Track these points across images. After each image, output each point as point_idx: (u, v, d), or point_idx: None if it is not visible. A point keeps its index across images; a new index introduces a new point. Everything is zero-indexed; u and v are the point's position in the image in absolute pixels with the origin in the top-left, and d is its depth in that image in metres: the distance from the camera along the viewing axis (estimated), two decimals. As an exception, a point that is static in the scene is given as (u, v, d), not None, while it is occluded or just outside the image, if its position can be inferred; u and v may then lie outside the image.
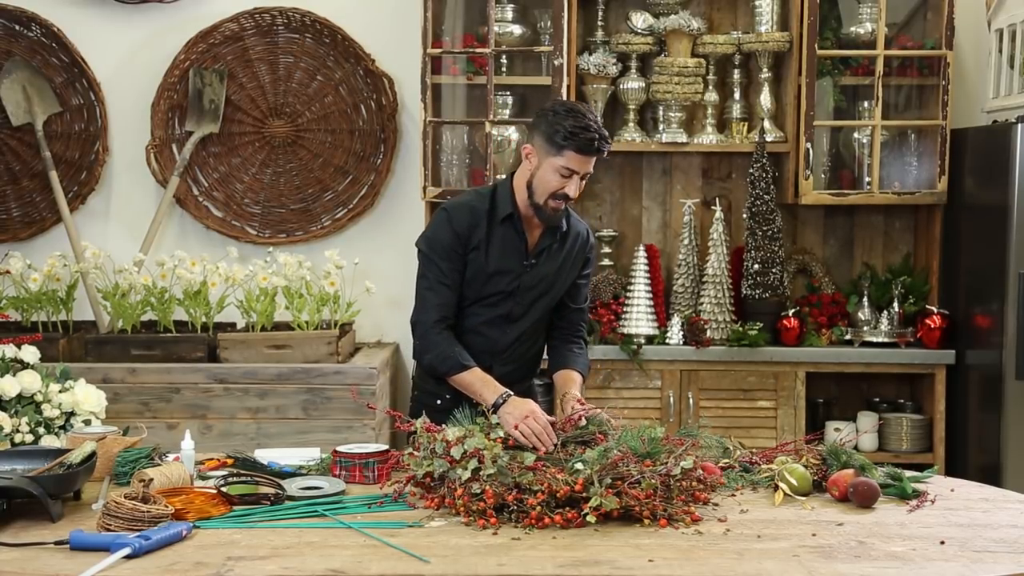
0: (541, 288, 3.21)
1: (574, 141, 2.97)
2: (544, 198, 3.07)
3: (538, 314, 3.25)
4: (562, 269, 3.24)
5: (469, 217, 3.14)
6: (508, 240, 3.16)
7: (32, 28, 5.04)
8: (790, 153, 4.88)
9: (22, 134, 5.06)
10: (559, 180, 3.03)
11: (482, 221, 3.14)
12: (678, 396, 4.74)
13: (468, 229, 3.13)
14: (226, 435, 4.38)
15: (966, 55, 5.02)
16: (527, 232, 3.17)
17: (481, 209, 3.15)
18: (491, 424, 2.77)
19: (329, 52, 5.08)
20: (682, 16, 4.87)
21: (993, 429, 4.45)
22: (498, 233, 3.15)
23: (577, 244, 3.26)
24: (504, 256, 3.16)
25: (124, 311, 4.61)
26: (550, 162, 3.02)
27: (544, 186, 3.06)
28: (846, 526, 2.51)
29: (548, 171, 3.03)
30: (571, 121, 2.98)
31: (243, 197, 5.14)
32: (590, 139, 2.97)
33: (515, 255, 3.17)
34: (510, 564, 2.24)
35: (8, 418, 3.05)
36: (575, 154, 2.99)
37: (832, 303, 4.97)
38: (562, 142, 2.98)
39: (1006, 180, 4.35)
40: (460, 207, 3.17)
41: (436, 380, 3.18)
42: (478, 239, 3.14)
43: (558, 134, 2.98)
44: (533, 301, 3.22)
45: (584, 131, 2.97)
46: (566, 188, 3.04)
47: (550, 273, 3.22)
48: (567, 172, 3.01)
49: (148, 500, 2.43)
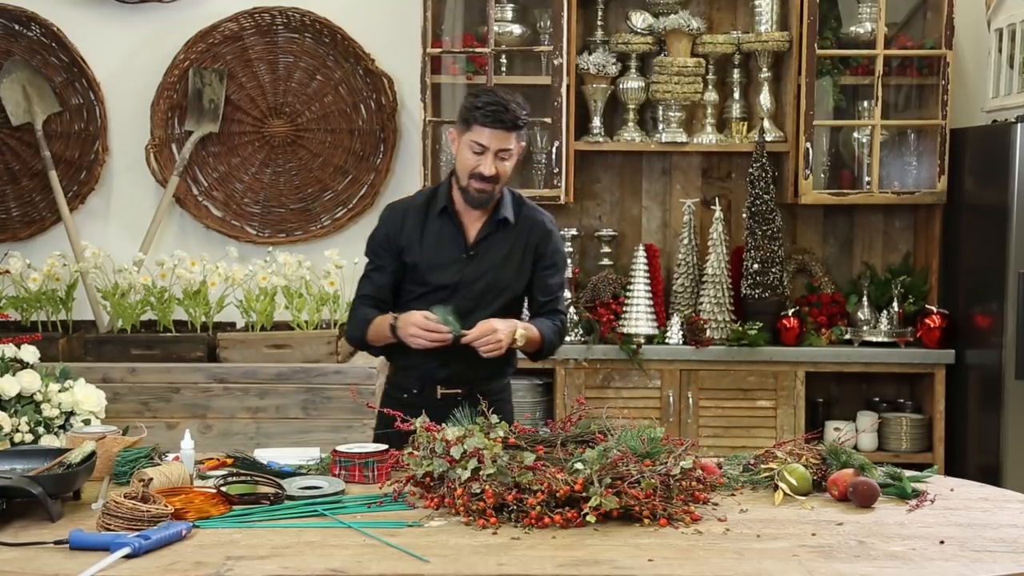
0: (487, 280, 3.22)
1: (479, 113, 3.08)
2: (466, 179, 3.16)
3: (491, 309, 3.22)
4: (509, 260, 3.24)
5: (400, 216, 3.28)
6: (445, 233, 3.23)
7: (32, 28, 5.04)
8: (790, 153, 4.88)
9: (22, 134, 5.06)
10: (474, 158, 3.12)
11: (415, 218, 3.24)
12: (678, 396, 4.74)
13: (399, 227, 3.25)
14: (226, 435, 4.38)
15: (966, 55, 5.02)
16: (466, 224, 3.23)
17: (416, 207, 3.28)
18: (491, 424, 2.77)
19: (329, 52, 5.08)
20: (682, 16, 4.87)
21: (993, 429, 4.46)
22: (434, 227, 3.24)
23: (530, 235, 3.26)
24: (441, 249, 3.22)
25: (124, 311, 4.61)
26: (463, 140, 3.14)
27: (462, 165, 3.16)
28: (846, 526, 2.50)
29: (464, 149, 3.14)
30: (482, 98, 3.12)
31: (243, 197, 5.14)
32: (493, 111, 3.07)
33: (453, 247, 3.22)
34: (510, 564, 2.24)
35: (8, 418, 3.05)
36: (481, 127, 3.09)
37: (832, 303, 4.97)
38: (470, 117, 3.10)
39: (1006, 180, 4.35)
40: (395, 206, 3.35)
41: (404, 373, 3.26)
42: (409, 235, 3.23)
43: (468, 111, 3.12)
44: (481, 294, 3.22)
45: (490, 105, 3.08)
46: (480, 166, 3.10)
47: (495, 264, 3.23)
48: (479, 148, 3.10)
49: (148, 500, 2.43)
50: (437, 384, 3.25)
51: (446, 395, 3.23)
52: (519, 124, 3.12)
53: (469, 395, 3.19)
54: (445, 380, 3.25)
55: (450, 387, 3.25)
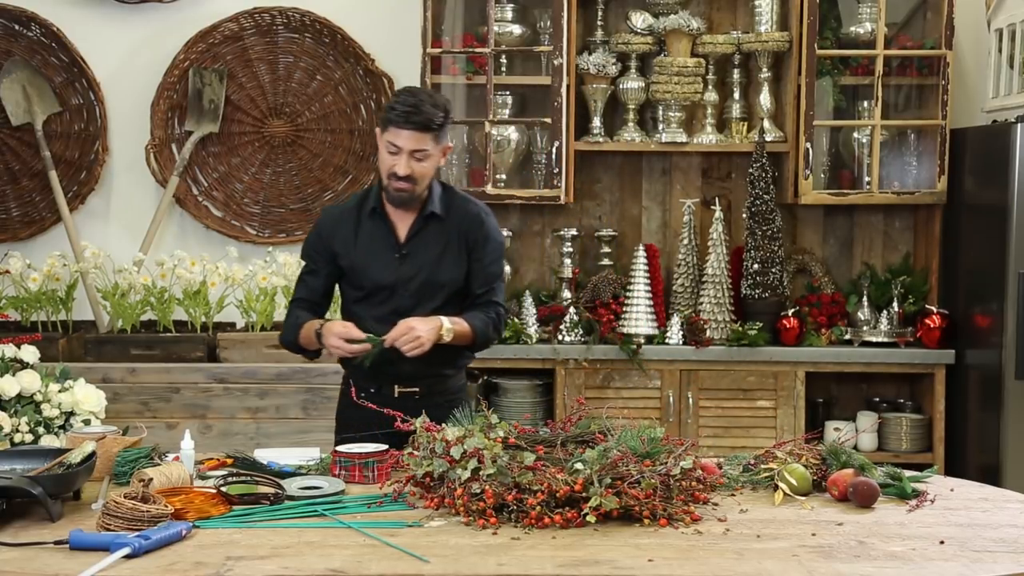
0: (423, 277, 3.21)
1: (393, 115, 3.09)
2: (386, 179, 3.17)
3: (433, 304, 3.21)
4: (444, 255, 3.23)
5: (333, 220, 3.30)
6: (376, 233, 3.24)
7: (32, 28, 5.04)
8: (790, 153, 4.88)
9: (22, 134, 5.06)
10: (390, 158, 3.13)
11: (348, 220, 3.26)
12: (678, 396, 4.74)
13: (331, 231, 3.29)
14: (226, 435, 4.38)
15: (966, 55, 5.02)
16: (396, 223, 3.24)
17: (350, 209, 3.30)
18: (491, 424, 2.77)
19: (329, 52, 5.08)
20: (682, 16, 4.87)
21: (993, 429, 4.45)
22: (366, 228, 3.25)
23: (462, 226, 3.25)
24: (373, 250, 3.23)
25: (124, 311, 4.61)
26: (382, 141, 3.16)
27: (383, 166, 3.18)
28: (846, 526, 2.50)
29: (382, 150, 3.17)
30: (399, 99, 3.14)
31: (243, 197, 5.14)
32: (406, 112, 3.07)
33: (385, 247, 3.23)
34: (510, 564, 2.24)
35: (8, 418, 3.05)
36: (394, 128, 3.09)
37: (832, 303, 4.97)
38: (387, 117, 3.12)
39: (1006, 180, 4.35)
40: (328, 210, 3.40)
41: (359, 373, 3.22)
42: (345, 237, 3.25)
43: (385, 111, 3.15)
44: (419, 291, 3.21)
45: (405, 106, 3.09)
46: (396, 165, 3.11)
47: (430, 260, 3.22)
48: (394, 148, 3.11)
49: (148, 500, 2.43)
50: (394, 383, 3.24)
51: (404, 393, 3.23)
52: (432, 126, 3.09)
53: (427, 393, 3.23)
54: (401, 379, 3.23)
55: (407, 385, 3.24)
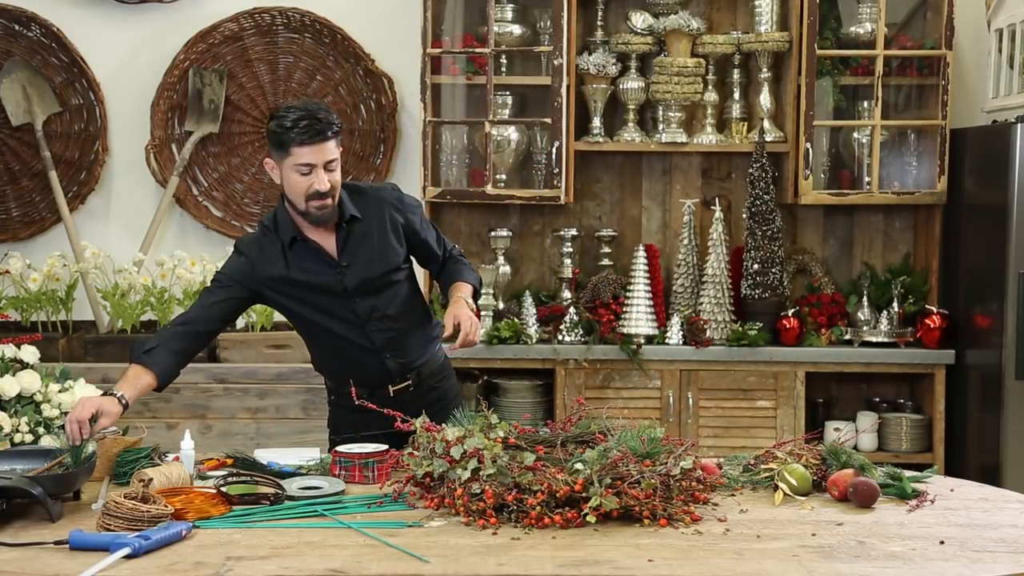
0: (370, 276, 3.13)
1: (293, 134, 2.94)
2: (303, 203, 3.01)
3: (391, 293, 3.17)
4: (383, 245, 3.14)
5: (257, 248, 3.13)
6: (309, 258, 3.11)
7: (32, 28, 5.04)
8: (790, 153, 4.88)
9: (22, 134, 5.06)
10: (304, 179, 2.98)
11: (273, 253, 3.10)
12: (678, 396, 4.74)
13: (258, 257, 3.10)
14: (226, 435, 4.38)
15: (966, 55, 5.02)
16: (322, 242, 3.11)
17: (269, 243, 3.12)
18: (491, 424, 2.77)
19: (329, 52, 5.08)
20: (682, 16, 4.87)
21: (993, 429, 4.45)
22: (295, 257, 3.10)
23: (385, 215, 3.16)
24: (312, 273, 3.10)
25: (124, 311, 4.61)
26: (286, 165, 2.99)
27: (295, 189, 3.00)
28: (846, 526, 2.51)
29: (290, 174, 2.99)
30: (288, 117, 2.95)
31: (243, 197, 5.14)
32: (306, 127, 2.93)
33: (323, 268, 3.11)
34: (510, 564, 2.24)
35: (8, 418, 3.05)
36: (300, 148, 2.95)
37: (832, 303, 4.97)
38: (284, 140, 2.95)
39: (1006, 180, 4.35)
40: (247, 241, 3.19)
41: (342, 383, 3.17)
42: (275, 272, 3.10)
43: (280, 135, 2.96)
44: (372, 291, 3.14)
45: (300, 121, 2.93)
46: (314, 184, 2.97)
47: (368, 258, 3.13)
48: (305, 168, 2.96)
49: (148, 500, 2.43)
50: (386, 384, 3.21)
51: (398, 391, 3.21)
52: (333, 130, 2.98)
53: (418, 382, 3.24)
54: (391, 378, 3.21)
55: (398, 383, 3.23)
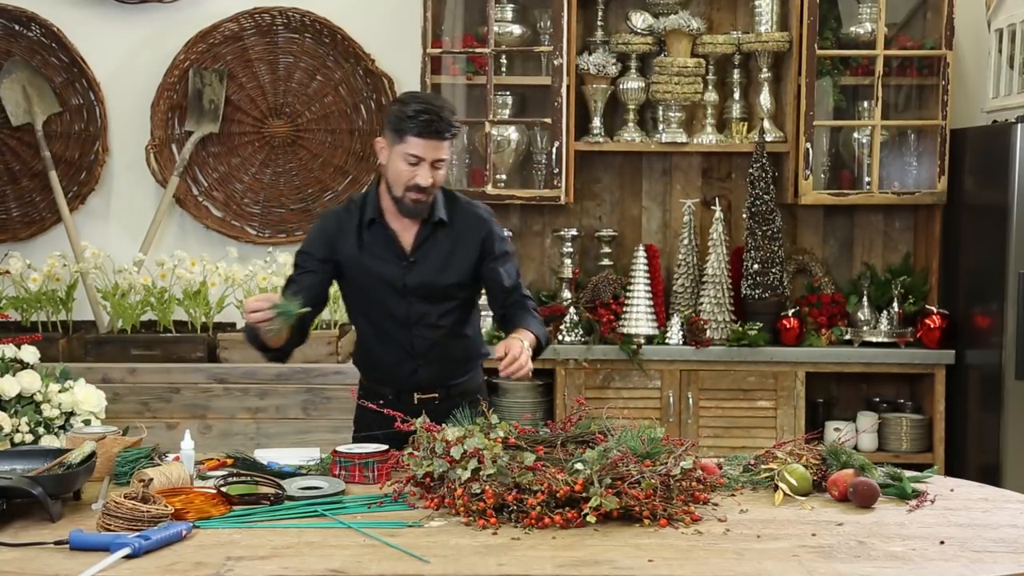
0: (431, 284, 3.14)
1: (413, 124, 2.96)
2: (401, 190, 3.05)
3: (441, 306, 3.16)
4: (452, 258, 3.15)
5: (336, 222, 3.17)
6: (380, 243, 3.13)
7: (32, 28, 5.04)
8: (790, 153, 4.88)
9: (22, 134, 5.06)
10: (409, 169, 3.01)
11: (349, 228, 3.14)
12: (678, 396, 4.74)
13: (336, 232, 3.15)
14: (226, 435, 4.38)
15: (966, 55, 5.02)
16: (400, 232, 3.14)
17: (349, 218, 3.16)
18: (491, 424, 2.77)
19: (329, 52, 5.08)
20: (682, 16, 4.87)
21: (993, 429, 4.45)
22: (370, 238, 3.14)
23: (470, 231, 3.17)
24: (380, 260, 3.13)
25: (124, 311, 4.61)
26: (396, 151, 3.02)
27: (397, 176, 3.04)
28: (846, 526, 2.51)
29: (396, 160, 3.02)
30: (412, 106, 2.99)
31: (243, 197, 5.14)
32: (427, 121, 2.96)
33: (391, 257, 3.13)
34: (510, 564, 2.24)
35: (8, 418, 3.05)
36: (415, 138, 2.97)
37: (832, 303, 4.97)
38: (403, 127, 2.98)
39: (1006, 180, 4.35)
40: (329, 214, 3.25)
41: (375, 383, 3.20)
42: (349, 245, 3.14)
43: (400, 121, 2.99)
44: (427, 298, 3.15)
45: (422, 114, 2.96)
46: (417, 177, 3.00)
47: (437, 264, 3.15)
48: (413, 159, 2.99)
49: (148, 500, 2.43)
50: (412, 391, 3.20)
51: (423, 400, 3.17)
52: (451, 133, 3.02)
53: (446, 397, 3.19)
54: (419, 387, 3.20)
55: (425, 392, 3.19)
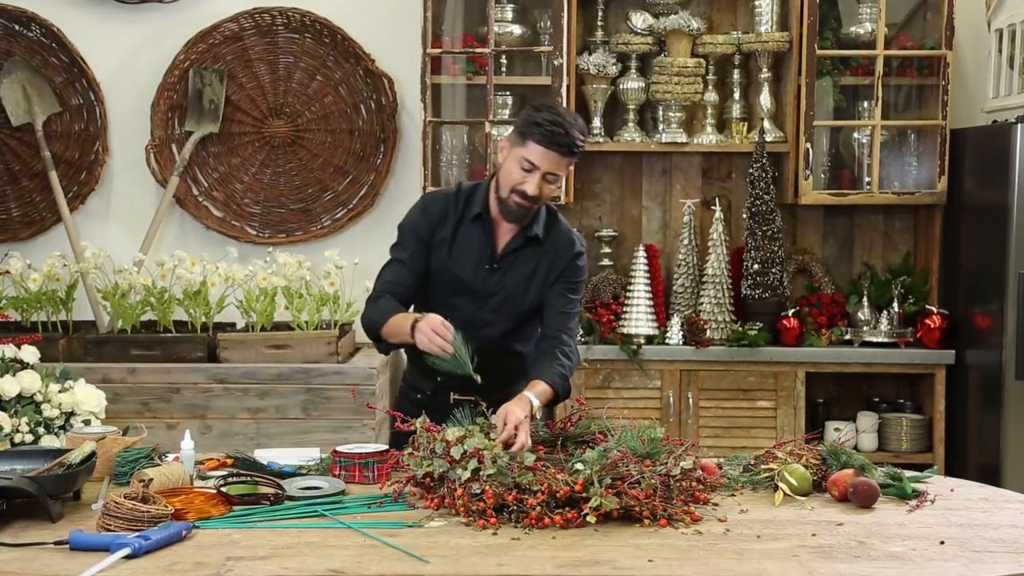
0: (507, 294, 3.13)
1: (537, 131, 2.95)
2: (507, 191, 3.04)
3: (510, 322, 3.16)
4: (533, 277, 3.14)
5: (441, 208, 3.15)
6: (474, 240, 3.13)
7: (32, 28, 5.04)
8: (790, 153, 4.88)
9: (22, 134, 5.06)
10: (520, 173, 2.99)
11: (451, 216, 3.14)
12: (678, 396, 4.74)
13: (438, 219, 3.14)
14: (226, 435, 4.38)
15: (966, 55, 5.02)
16: (496, 234, 3.13)
17: (454, 204, 3.15)
18: (491, 424, 2.77)
19: (329, 52, 5.08)
20: (682, 16, 4.87)
21: (993, 429, 4.46)
22: (465, 231, 3.14)
23: (558, 251, 3.15)
24: (468, 255, 3.13)
25: (124, 311, 4.61)
26: (515, 152, 3.01)
27: (507, 178, 3.03)
28: (846, 526, 2.51)
29: (512, 162, 3.01)
30: (544, 114, 2.97)
31: (243, 197, 5.14)
32: (552, 132, 2.93)
33: (480, 256, 3.13)
34: (510, 564, 2.24)
35: (8, 418, 3.05)
36: (536, 145, 2.95)
37: (832, 303, 4.97)
38: (528, 132, 2.97)
39: (1006, 180, 4.35)
40: (436, 197, 3.22)
41: (421, 373, 3.17)
42: (444, 233, 3.13)
43: (527, 125, 2.98)
44: (499, 307, 3.14)
45: (550, 124, 2.94)
46: (525, 184, 2.99)
47: (519, 278, 3.13)
48: (528, 165, 2.97)
49: (148, 500, 2.43)
50: (451, 390, 3.14)
51: (459, 400, 3.13)
52: (574, 150, 2.98)
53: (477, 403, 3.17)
54: (460, 387, 3.14)
55: (464, 393, 3.12)
